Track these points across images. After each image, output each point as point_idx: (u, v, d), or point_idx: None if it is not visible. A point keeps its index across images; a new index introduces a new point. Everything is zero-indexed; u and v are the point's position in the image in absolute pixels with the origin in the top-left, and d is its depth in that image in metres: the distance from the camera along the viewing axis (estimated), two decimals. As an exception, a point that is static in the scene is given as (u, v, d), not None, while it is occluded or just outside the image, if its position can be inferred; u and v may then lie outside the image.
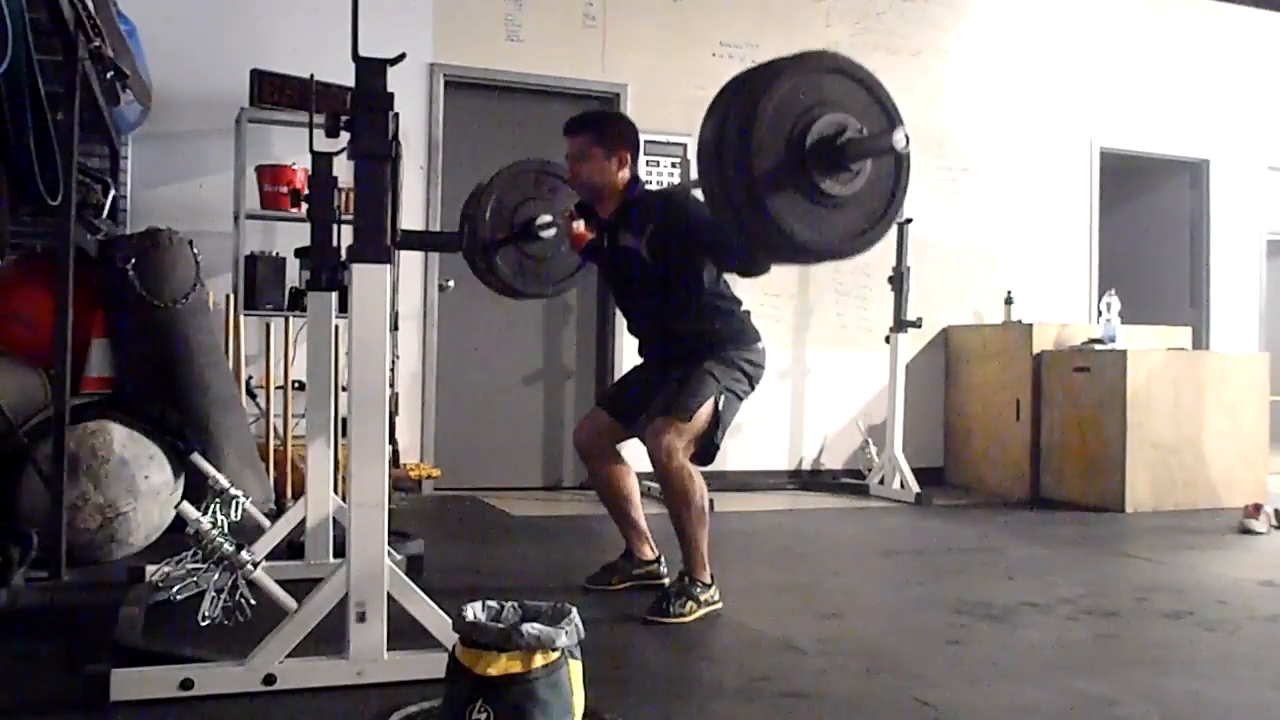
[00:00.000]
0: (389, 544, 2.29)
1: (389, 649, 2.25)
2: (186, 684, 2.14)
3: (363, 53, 2.26)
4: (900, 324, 5.82)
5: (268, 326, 4.76)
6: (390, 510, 2.31)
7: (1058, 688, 2.46)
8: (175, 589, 2.46)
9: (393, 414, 5.04)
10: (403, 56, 2.32)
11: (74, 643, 2.55)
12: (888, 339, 5.90)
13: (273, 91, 4.86)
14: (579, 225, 3.40)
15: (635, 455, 3.36)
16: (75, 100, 3.08)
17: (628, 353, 3.82)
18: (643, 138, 3.29)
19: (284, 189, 4.85)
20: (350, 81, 2.27)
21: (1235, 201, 7.47)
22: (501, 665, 1.66)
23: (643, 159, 5.30)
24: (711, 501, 3.24)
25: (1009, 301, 6.42)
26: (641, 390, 3.30)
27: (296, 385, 4.67)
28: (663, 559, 3.40)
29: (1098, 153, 7.01)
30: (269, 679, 2.18)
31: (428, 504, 5.22)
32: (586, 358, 5.95)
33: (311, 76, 3.64)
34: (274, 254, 4.93)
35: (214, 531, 2.33)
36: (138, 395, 3.71)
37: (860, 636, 2.93)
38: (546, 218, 3.42)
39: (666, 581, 3.26)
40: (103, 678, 2.10)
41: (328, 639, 2.25)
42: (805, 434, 6.27)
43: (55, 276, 3.20)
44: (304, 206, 3.20)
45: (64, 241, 3.17)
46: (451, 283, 5.52)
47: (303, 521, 3.23)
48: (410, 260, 5.38)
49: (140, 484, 3.45)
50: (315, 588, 2.27)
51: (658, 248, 3.14)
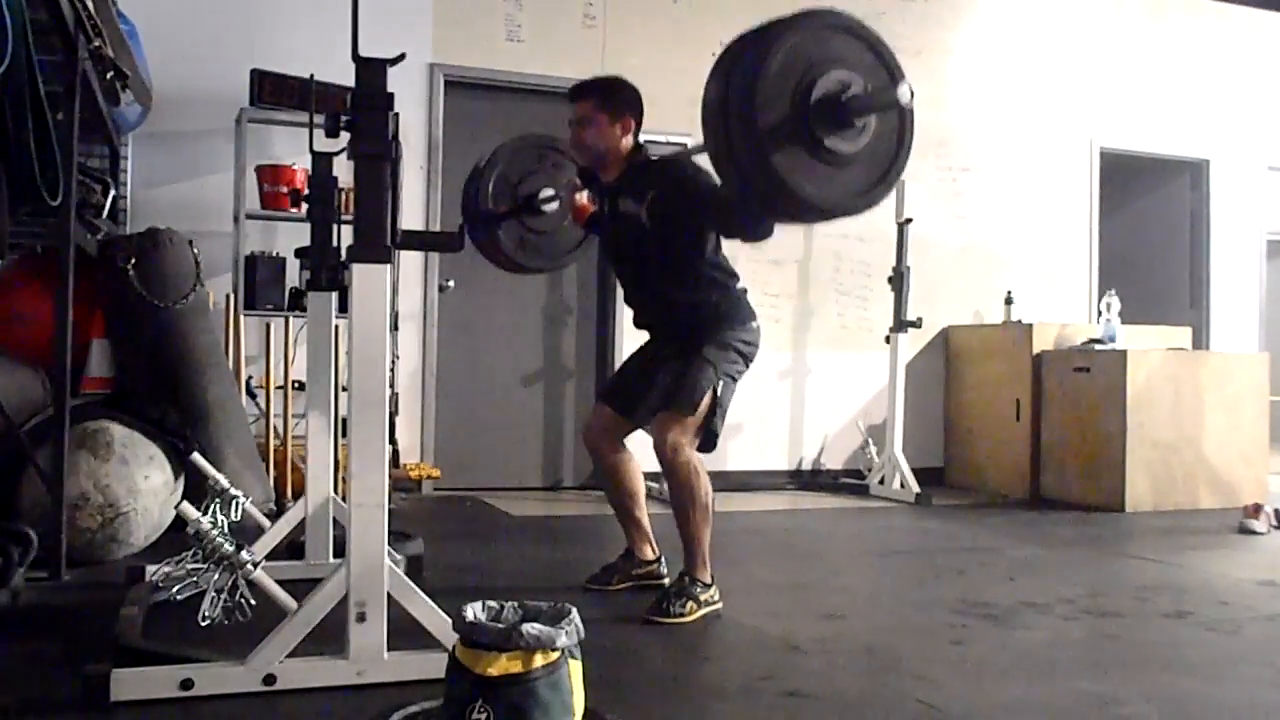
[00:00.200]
0: (389, 544, 2.29)
1: (389, 649, 2.25)
2: (186, 684, 2.14)
3: (363, 53, 2.26)
4: (900, 324, 5.82)
5: (268, 326, 4.76)
6: (390, 510, 2.31)
7: (1058, 688, 2.46)
8: (175, 589, 2.45)
9: (393, 414, 5.04)
10: (403, 56, 2.32)
11: (74, 643, 2.55)
12: (888, 339, 5.90)
13: (273, 91, 4.86)
14: (582, 197, 3.38)
15: (642, 453, 3.36)
16: (75, 100, 3.08)
17: (628, 352, 3.80)
18: (643, 138, 3.28)
19: (284, 189, 4.86)
20: (350, 81, 2.27)
21: (1235, 201, 7.47)
22: (501, 665, 1.66)
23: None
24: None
25: (1009, 301, 6.42)
26: (639, 379, 3.29)
27: (296, 385, 4.67)
28: (663, 559, 3.40)
29: (1098, 153, 7.01)
30: (269, 679, 2.18)
31: (428, 504, 5.23)
32: (586, 358, 5.95)
33: (311, 76, 3.64)
34: (274, 254, 4.94)
35: (214, 531, 2.32)
36: (138, 395, 3.71)
37: (860, 636, 2.93)
38: (549, 191, 3.41)
39: (666, 582, 3.26)
40: (103, 678, 2.10)
41: (328, 639, 2.24)
42: (805, 434, 6.27)
43: (55, 276, 3.20)
44: (304, 206, 3.20)
45: (64, 241, 3.17)
46: (451, 283, 5.52)
47: (303, 521, 3.23)
48: (410, 260, 5.38)
49: (140, 484, 3.45)
50: (315, 588, 2.27)
51: (659, 213, 3.10)
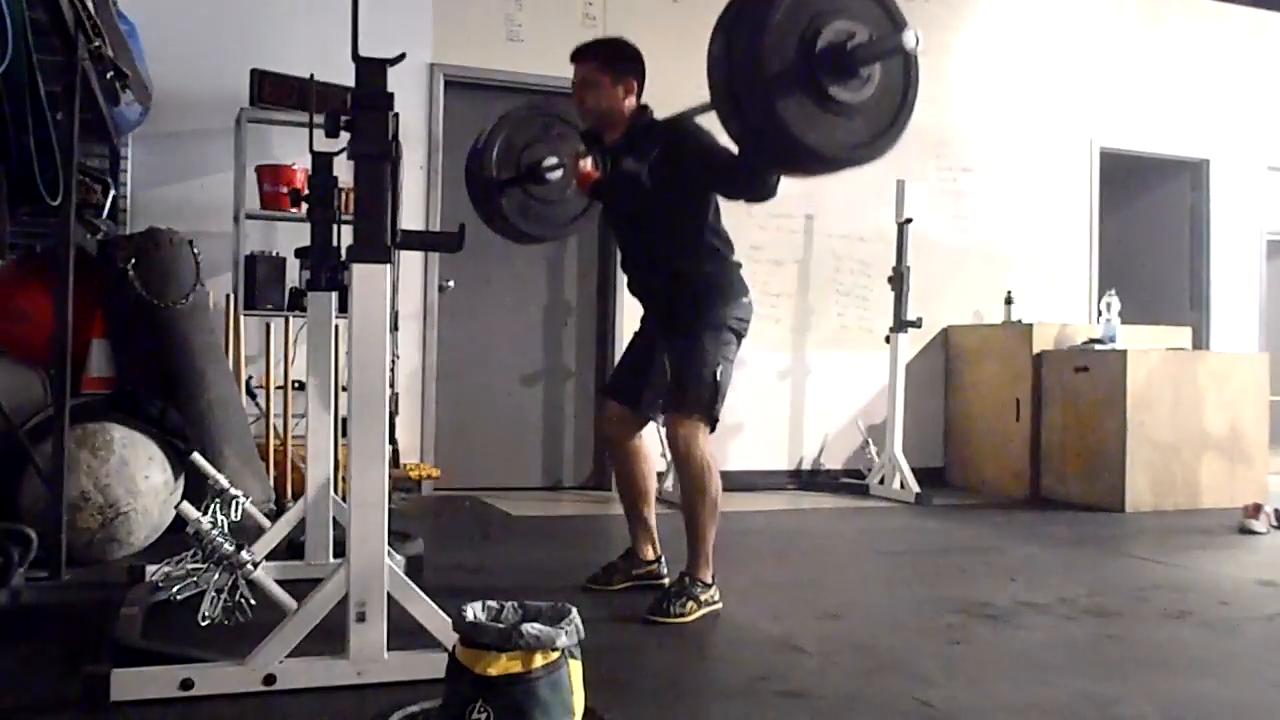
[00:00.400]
0: (389, 544, 2.29)
1: (389, 649, 2.25)
2: (186, 684, 2.14)
3: (363, 53, 2.26)
4: (900, 324, 5.82)
5: (268, 326, 4.76)
6: (390, 510, 2.31)
7: (1058, 688, 2.46)
8: (175, 589, 2.46)
9: (393, 414, 5.04)
10: (403, 56, 2.32)
11: (74, 643, 2.55)
12: (888, 339, 5.90)
13: (273, 91, 4.86)
14: (586, 164, 3.39)
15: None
16: (75, 100, 3.08)
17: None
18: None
19: (284, 189, 4.85)
20: (350, 81, 2.27)
21: (1235, 201, 7.46)
22: (501, 665, 1.66)
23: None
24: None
25: (1009, 301, 6.42)
26: (639, 370, 3.29)
27: (296, 385, 4.67)
28: (663, 559, 3.40)
29: (1098, 153, 7.00)
30: (269, 679, 2.18)
31: (428, 504, 5.23)
32: (586, 358, 5.94)
33: (311, 76, 3.64)
34: (274, 254, 4.93)
35: (214, 531, 2.33)
36: (138, 395, 3.71)
37: (860, 636, 2.93)
38: (553, 159, 3.41)
39: (667, 582, 3.26)
40: (103, 678, 2.10)
41: (328, 639, 2.25)
42: (805, 434, 6.27)
43: (55, 276, 3.20)
44: (304, 206, 3.20)
45: (64, 241, 3.17)
46: (451, 283, 5.52)
47: (303, 521, 3.23)
48: (410, 260, 5.37)
49: (140, 484, 3.45)
50: (315, 588, 2.27)
51: (660, 174, 3.09)
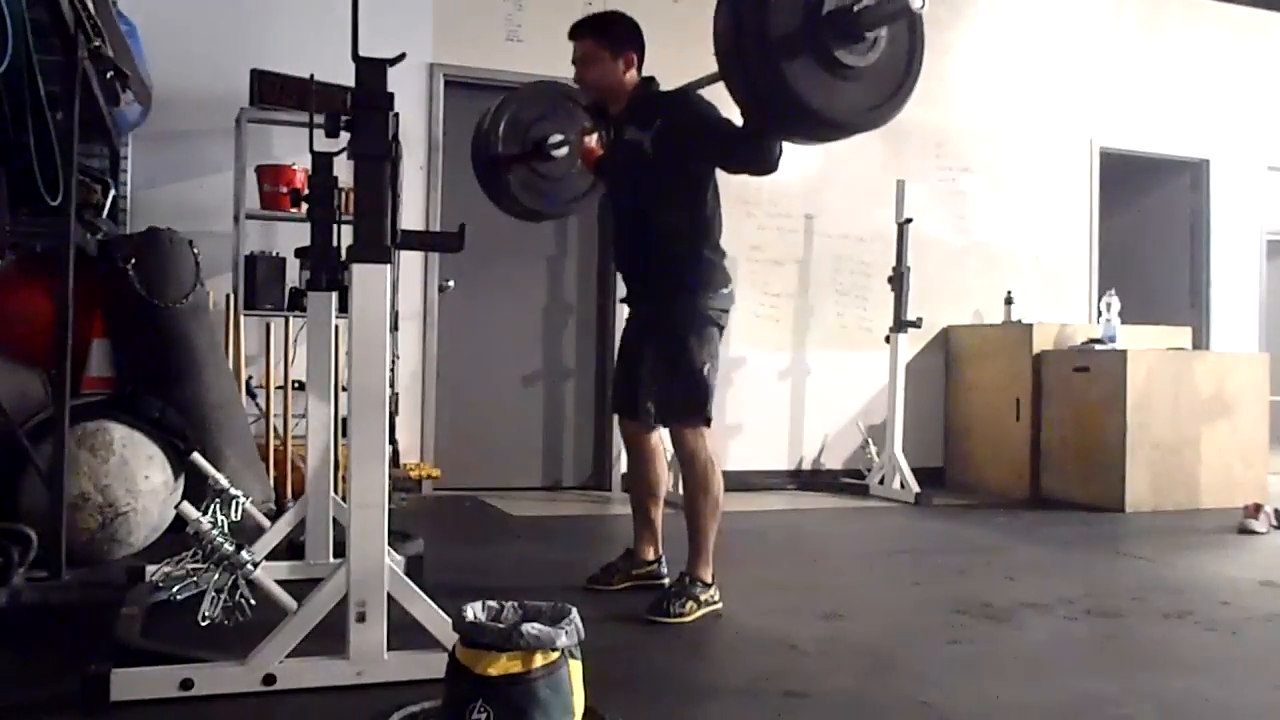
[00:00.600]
0: (389, 544, 2.29)
1: (389, 649, 2.25)
2: (186, 684, 2.14)
3: (363, 53, 2.26)
4: (900, 324, 5.82)
5: (268, 326, 4.76)
6: (390, 510, 2.31)
7: (1058, 688, 2.46)
8: (175, 589, 2.45)
9: (393, 414, 5.04)
10: (403, 56, 2.33)
11: (74, 643, 2.55)
12: (888, 339, 5.90)
13: (273, 91, 4.86)
14: (591, 140, 3.38)
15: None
16: (75, 100, 3.08)
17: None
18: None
19: (284, 189, 4.85)
20: (350, 81, 2.27)
21: (1235, 201, 7.46)
22: (501, 665, 1.66)
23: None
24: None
25: (1009, 301, 6.42)
26: (630, 375, 3.29)
27: (296, 385, 4.67)
28: (663, 559, 3.40)
29: (1098, 153, 7.00)
30: (269, 679, 2.18)
31: (428, 504, 5.23)
32: (586, 358, 5.94)
33: (311, 76, 3.64)
34: (274, 254, 4.93)
35: (214, 531, 2.33)
36: (138, 395, 3.71)
37: (860, 636, 2.93)
38: (559, 137, 3.41)
39: (666, 582, 3.27)
40: (103, 678, 2.10)
41: (328, 639, 2.24)
42: (805, 434, 6.27)
43: (55, 276, 3.20)
44: (304, 206, 3.20)
45: (64, 241, 3.17)
46: (451, 283, 5.52)
47: (303, 521, 3.23)
48: (410, 260, 5.37)
49: (140, 484, 3.45)
50: (315, 588, 2.28)
51: (663, 143, 3.09)
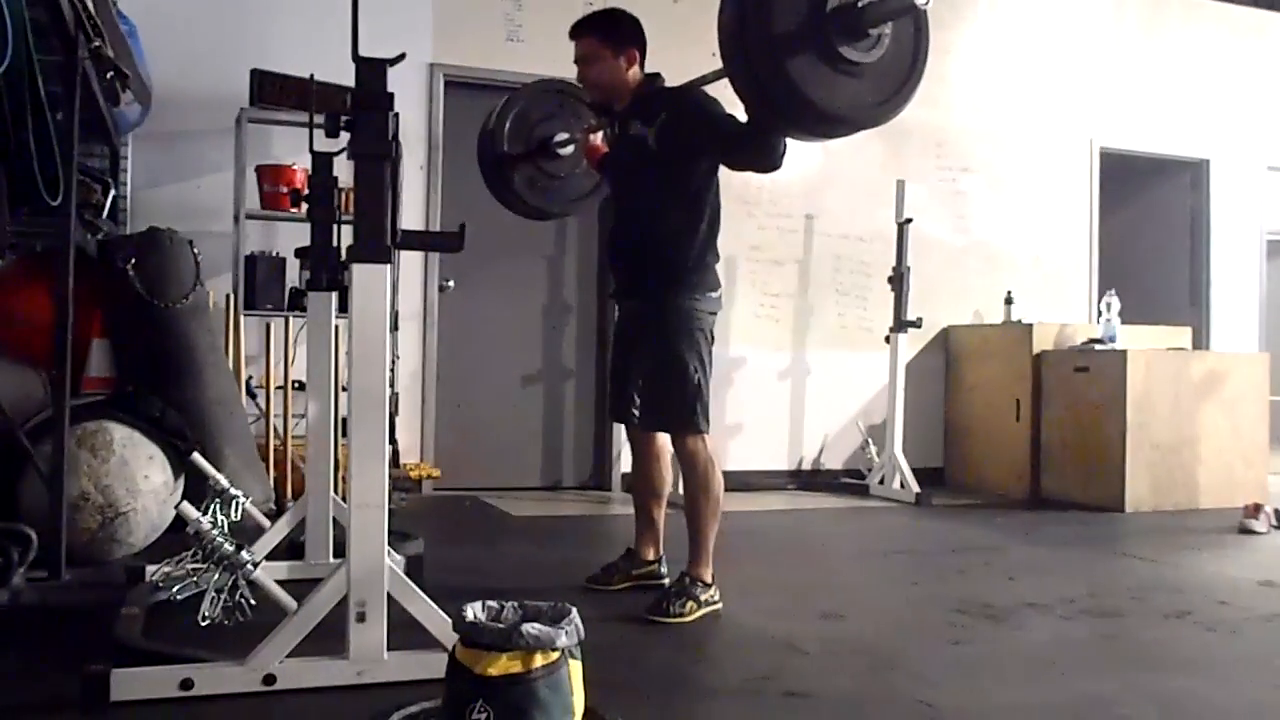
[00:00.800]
0: (389, 544, 2.29)
1: (389, 649, 2.25)
2: (186, 684, 2.14)
3: (363, 53, 2.26)
4: (900, 324, 5.82)
5: (268, 326, 4.76)
6: (390, 510, 2.31)
7: (1058, 688, 2.46)
8: (175, 589, 2.46)
9: (393, 414, 5.04)
10: (403, 56, 2.33)
11: (74, 643, 2.55)
12: (888, 339, 5.90)
13: (273, 91, 4.86)
14: (596, 138, 3.38)
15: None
16: (75, 100, 3.08)
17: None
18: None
19: (284, 189, 4.85)
20: (350, 81, 2.27)
21: (1235, 201, 7.46)
22: (501, 665, 1.66)
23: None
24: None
25: (1009, 301, 6.42)
26: (623, 378, 3.28)
27: (296, 385, 4.67)
28: (663, 559, 3.40)
29: (1098, 153, 7.00)
30: (269, 679, 2.18)
31: (428, 504, 5.23)
32: (586, 358, 5.94)
33: (311, 76, 3.64)
34: (274, 254, 4.93)
35: (214, 531, 2.33)
36: (138, 395, 3.71)
37: (860, 636, 2.93)
38: (564, 135, 3.41)
39: (666, 582, 3.27)
40: (103, 678, 2.09)
41: (328, 639, 2.24)
42: (805, 434, 6.27)
43: (55, 276, 3.20)
44: (304, 206, 3.20)
45: (64, 241, 3.17)
46: (451, 283, 5.52)
47: (303, 521, 3.23)
48: (410, 260, 5.37)
49: (140, 484, 3.45)
50: (315, 588, 2.27)
51: (666, 138, 3.09)
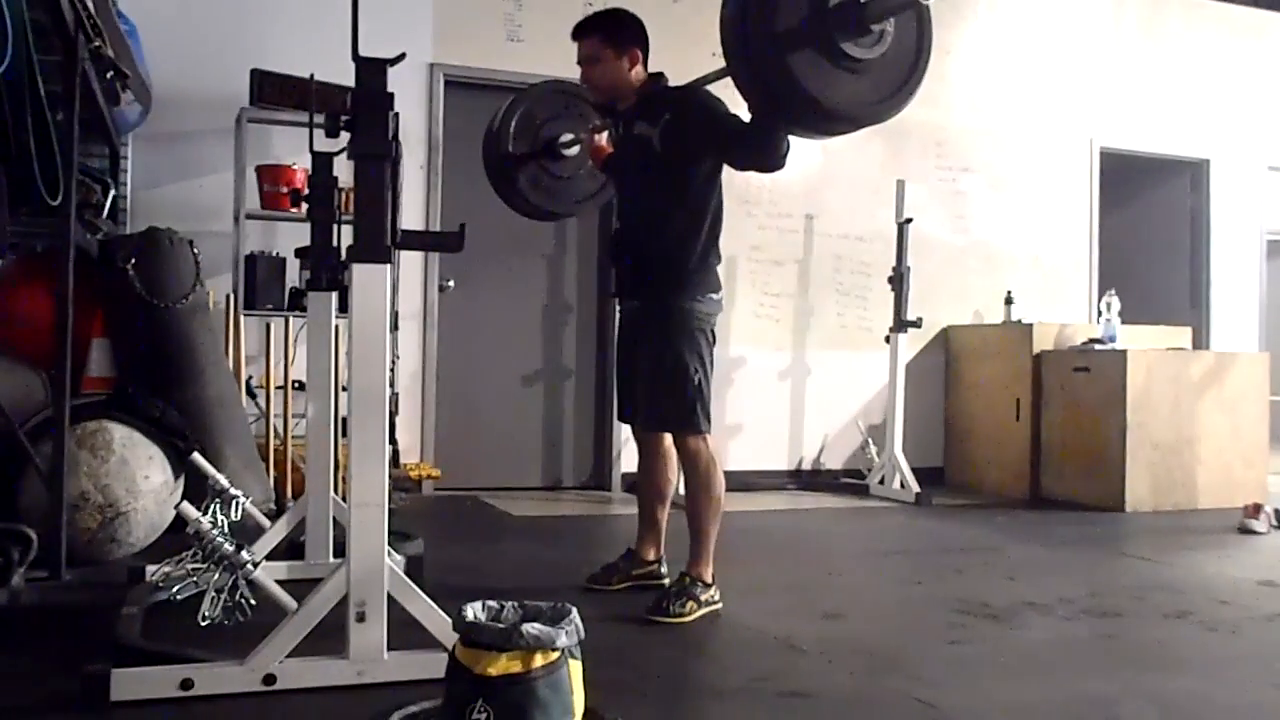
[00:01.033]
0: (389, 544, 2.29)
1: (389, 649, 2.25)
2: (186, 684, 2.14)
3: (363, 53, 2.26)
4: (900, 324, 5.82)
5: (268, 326, 4.76)
6: (390, 510, 2.31)
7: (1058, 688, 2.47)
8: (175, 589, 2.45)
9: (393, 414, 5.04)
10: (403, 56, 2.33)
11: (74, 643, 2.55)
12: (888, 339, 5.90)
13: (273, 91, 4.85)
14: (600, 139, 3.38)
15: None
16: (75, 100, 3.08)
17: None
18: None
19: (284, 189, 4.85)
20: (350, 81, 2.27)
21: (1235, 201, 7.46)
22: (501, 665, 1.66)
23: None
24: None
25: (1009, 301, 6.42)
26: (628, 386, 3.29)
27: (296, 385, 4.67)
28: (663, 560, 3.40)
29: (1098, 153, 7.00)
30: (269, 679, 2.18)
31: (428, 504, 5.23)
32: (586, 358, 5.94)
33: (311, 76, 3.64)
34: (274, 254, 4.93)
35: (214, 531, 2.33)
36: (138, 395, 3.71)
37: (860, 636, 2.93)
38: (570, 136, 3.42)
39: (666, 582, 3.27)
40: (103, 678, 2.10)
41: (328, 639, 2.25)
42: (805, 434, 6.26)
43: (55, 276, 3.20)
44: (304, 206, 3.20)
45: (64, 241, 3.17)
46: (451, 283, 5.52)
47: (303, 521, 3.23)
48: (410, 260, 5.37)
49: (140, 484, 3.45)
50: (315, 588, 2.28)
51: (670, 137, 3.10)
